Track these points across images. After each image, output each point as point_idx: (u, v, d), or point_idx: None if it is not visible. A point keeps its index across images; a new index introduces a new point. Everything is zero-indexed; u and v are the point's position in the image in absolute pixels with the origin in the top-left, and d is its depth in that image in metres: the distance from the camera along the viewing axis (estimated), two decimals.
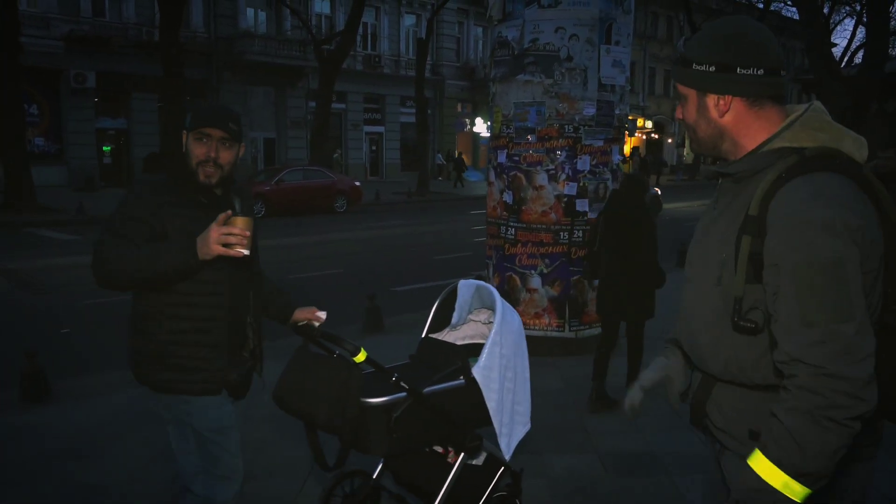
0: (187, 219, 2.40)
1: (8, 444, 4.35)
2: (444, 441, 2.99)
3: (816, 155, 1.54)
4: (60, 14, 24.25)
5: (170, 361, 2.46)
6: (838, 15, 39.20)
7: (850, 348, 1.40)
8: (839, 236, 1.42)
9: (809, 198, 1.46)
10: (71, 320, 7.83)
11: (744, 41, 1.58)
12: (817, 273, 1.42)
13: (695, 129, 1.70)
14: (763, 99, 1.61)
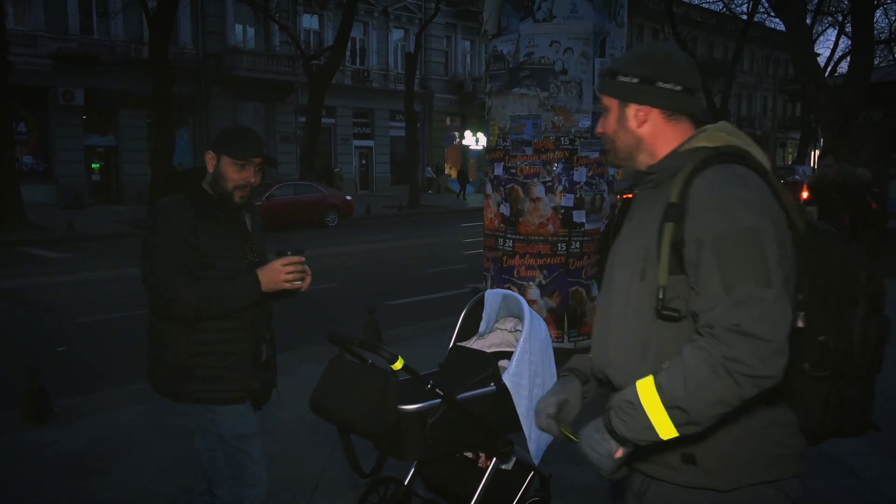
0: (210, 235, 2.53)
1: (15, 464, 4.33)
2: (476, 446, 3.06)
3: (730, 151, 1.61)
4: (48, 32, 24.23)
5: (197, 372, 2.55)
6: (821, 25, 39.75)
7: (768, 313, 1.40)
8: (756, 211, 1.48)
9: (728, 180, 1.53)
10: (66, 339, 7.80)
11: (665, 59, 1.69)
12: (738, 241, 1.45)
13: (613, 140, 1.75)
14: (679, 114, 1.70)
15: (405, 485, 3.22)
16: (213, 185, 2.59)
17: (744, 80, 52.31)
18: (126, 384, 5.77)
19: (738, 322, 1.40)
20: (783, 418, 1.60)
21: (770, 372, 1.40)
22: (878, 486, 3.86)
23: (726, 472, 1.59)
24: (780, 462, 1.60)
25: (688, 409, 1.43)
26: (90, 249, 15.76)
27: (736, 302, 1.42)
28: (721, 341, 1.40)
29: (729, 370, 1.39)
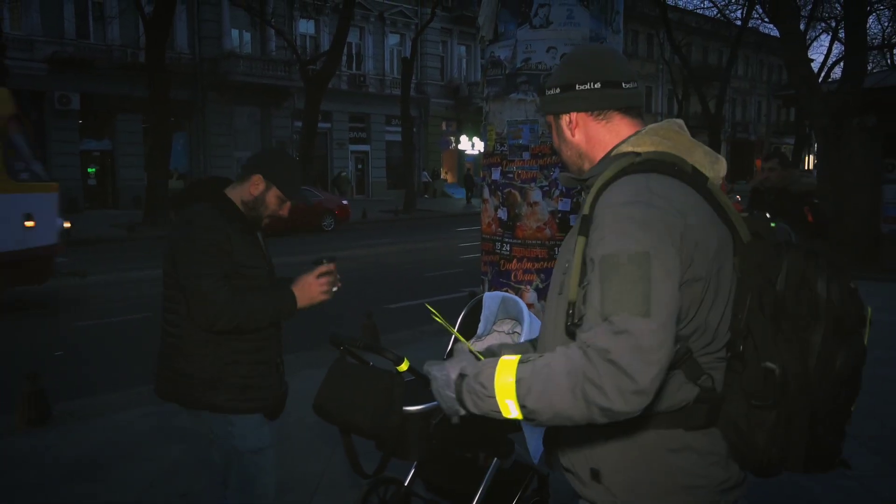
0: (240, 244, 2.55)
1: (15, 467, 4.35)
2: (476, 446, 3.10)
3: (653, 158, 1.51)
4: (44, 36, 24.24)
5: (228, 381, 2.54)
6: (814, 31, 39.98)
7: (641, 346, 1.29)
8: (652, 232, 1.36)
9: (631, 196, 1.42)
10: (63, 343, 7.81)
11: (581, 62, 1.64)
12: (624, 266, 1.34)
13: (561, 154, 1.72)
14: (608, 111, 1.61)
15: (405, 486, 3.25)
16: (249, 206, 2.60)
17: (738, 86, 52.55)
18: (125, 388, 5.79)
19: (609, 349, 1.30)
20: (700, 445, 1.48)
21: (626, 409, 1.30)
22: (873, 486, 3.90)
23: (625, 494, 1.50)
24: (687, 492, 1.48)
25: (533, 409, 1.37)
26: (86, 254, 15.75)
27: (612, 330, 1.31)
28: (591, 361, 1.30)
29: (586, 393, 1.30)
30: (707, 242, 1.43)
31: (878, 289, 10.44)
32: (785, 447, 1.43)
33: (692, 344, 1.45)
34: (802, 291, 1.41)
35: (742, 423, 1.44)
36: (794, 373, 1.40)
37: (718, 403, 1.47)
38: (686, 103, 43.75)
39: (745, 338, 1.44)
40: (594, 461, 1.52)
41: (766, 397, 1.40)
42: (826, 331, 1.40)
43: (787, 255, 1.44)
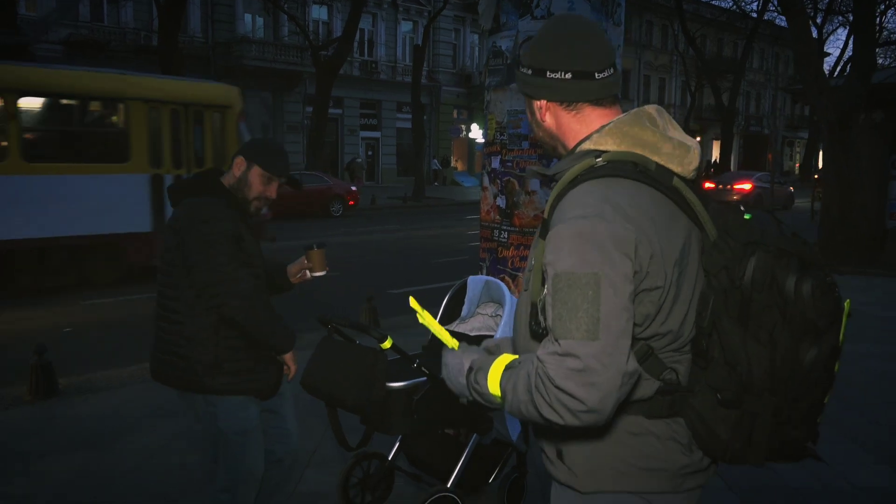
0: (248, 235, 2.63)
1: (22, 436, 4.52)
2: (458, 423, 3.23)
3: (612, 160, 1.47)
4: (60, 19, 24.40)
5: (227, 366, 2.59)
6: (831, 25, 39.68)
7: (587, 369, 1.30)
8: (602, 250, 1.34)
9: (585, 206, 1.39)
10: (71, 319, 7.99)
11: (554, 44, 1.54)
12: (572, 287, 1.33)
13: (534, 132, 1.68)
14: (578, 103, 1.56)
15: (389, 460, 3.39)
16: (235, 189, 2.64)
17: (753, 79, 52.17)
18: (129, 364, 5.96)
19: (554, 374, 1.32)
20: (661, 431, 1.50)
21: (580, 424, 1.33)
22: (845, 471, 4.01)
23: (586, 474, 1.53)
24: (647, 475, 1.50)
25: (510, 411, 1.46)
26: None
27: (554, 351, 1.33)
28: (541, 380, 1.34)
29: (540, 409, 1.36)
30: (666, 249, 1.42)
31: (879, 284, 10.49)
32: (748, 441, 1.46)
33: (654, 343, 1.47)
34: (770, 291, 1.39)
35: (707, 416, 1.46)
36: (759, 371, 1.40)
37: (684, 395, 1.48)
38: (699, 95, 43.56)
39: (710, 336, 1.44)
40: (559, 442, 1.56)
41: (731, 393, 1.42)
42: (795, 331, 1.38)
43: (754, 253, 1.41)
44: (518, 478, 3.45)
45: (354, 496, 3.42)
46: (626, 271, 1.35)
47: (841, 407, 5.08)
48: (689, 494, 1.57)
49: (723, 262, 1.43)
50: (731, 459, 1.50)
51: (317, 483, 3.83)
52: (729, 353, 1.41)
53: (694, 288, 1.48)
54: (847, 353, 4.68)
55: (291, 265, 2.98)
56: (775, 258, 1.40)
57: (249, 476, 2.73)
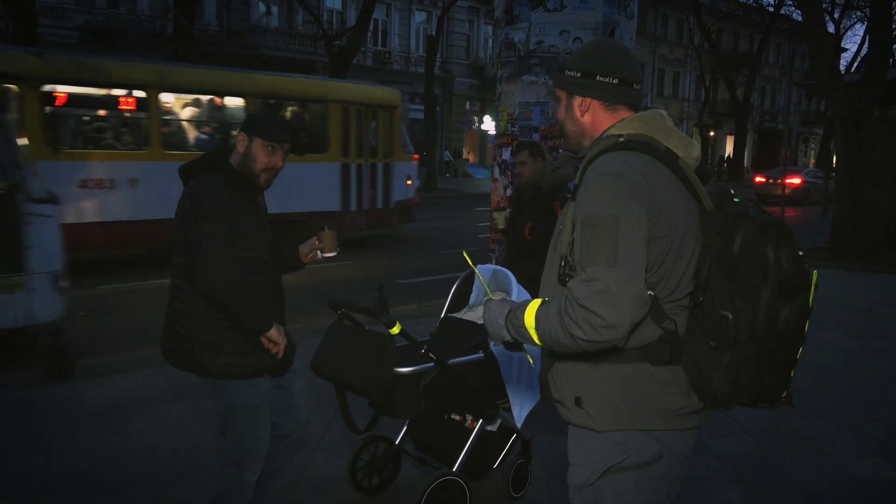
0: (247, 215, 2.64)
1: (40, 416, 4.63)
2: (464, 408, 3.31)
3: (631, 139, 1.82)
4: (76, 5, 24.55)
5: (226, 347, 2.62)
6: (849, 20, 39.26)
7: (608, 290, 1.60)
8: (620, 198, 1.66)
9: (609, 169, 1.73)
10: (86, 303, 8.11)
11: (605, 55, 1.90)
12: (596, 226, 1.66)
13: (564, 126, 1.98)
14: (617, 104, 1.90)
15: (396, 444, 3.47)
16: (242, 165, 2.67)
17: (768, 74, 51.78)
18: (143, 347, 6.06)
19: (580, 295, 1.63)
20: (664, 377, 1.78)
21: (600, 339, 1.63)
22: (846, 464, 4.05)
23: (601, 416, 1.81)
24: (655, 415, 1.79)
25: (541, 337, 1.74)
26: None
27: (586, 278, 1.65)
28: (570, 303, 1.65)
29: (568, 328, 1.65)
30: (671, 207, 1.73)
31: (886, 281, 10.45)
32: (735, 385, 1.73)
33: (658, 292, 1.75)
34: (754, 256, 1.69)
35: (701, 362, 1.74)
36: (744, 323, 1.69)
37: (681, 344, 1.77)
38: (714, 89, 43.31)
39: (705, 291, 1.74)
40: (577, 390, 1.84)
41: (723, 340, 1.70)
42: (773, 290, 1.68)
43: (743, 224, 1.72)
44: (523, 464, 3.53)
45: (362, 479, 3.50)
46: (640, 216, 1.67)
47: (843, 402, 5.12)
48: (687, 433, 1.86)
49: (717, 229, 1.75)
50: (720, 402, 1.78)
51: (326, 466, 3.91)
52: (719, 305, 1.71)
53: (693, 250, 1.77)
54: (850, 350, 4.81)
55: (303, 245, 3.00)
56: (759, 230, 1.71)
57: (255, 450, 2.77)
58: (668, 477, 1.85)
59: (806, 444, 4.35)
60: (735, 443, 4.32)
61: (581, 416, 1.84)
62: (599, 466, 1.82)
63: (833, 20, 35.95)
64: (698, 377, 1.75)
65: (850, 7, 35.57)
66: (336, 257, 3.03)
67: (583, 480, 1.86)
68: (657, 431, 1.80)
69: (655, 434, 1.80)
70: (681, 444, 1.86)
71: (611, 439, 1.81)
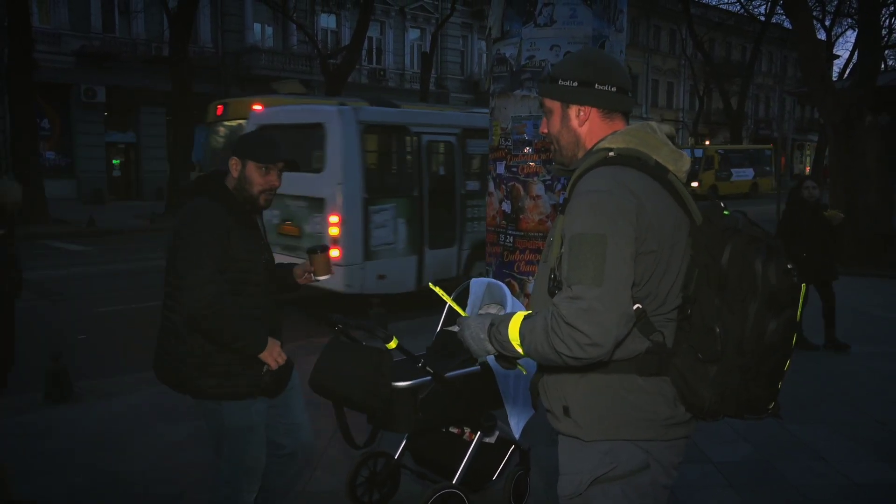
0: (241, 238, 2.62)
1: (38, 439, 4.64)
2: (462, 421, 3.32)
3: (621, 154, 1.82)
4: (71, 30, 24.73)
5: (213, 369, 2.61)
6: (840, 27, 39.51)
7: (593, 308, 1.62)
8: (608, 216, 1.68)
9: (598, 185, 1.74)
10: (86, 327, 8.12)
11: (600, 64, 1.91)
12: (583, 244, 1.67)
13: (558, 139, 1.96)
14: (614, 113, 1.91)
15: (395, 458, 3.48)
16: (239, 189, 2.66)
17: (762, 82, 52.02)
18: (142, 370, 6.06)
19: (566, 313, 1.64)
20: (651, 388, 1.79)
21: (585, 356, 1.65)
22: (844, 468, 4.07)
23: (589, 425, 1.82)
24: (642, 425, 1.80)
25: (527, 351, 1.76)
26: (110, 243, 16.16)
27: (571, 295, 1.65)
28: (555, 320, 1.66)
29: (554, 345, 1.66)
30: (661, 223, 1.74)
31: (883, 285, 10.48)
32: (722, 396, 1.74)
33: (646, 306, 1.76)
34: (743, 270, 1.68)
35: (688, 374, 1.75)
36: (732, 336, 1.69)
37: (669, 356, 1.78)
38: (707, 99, 43.46)
39: (693, 304, 1.75)
40: (565, 400, 1.86)
41: (710, 353, 1.71)
42: (761, 304, 1.68)
43: (731, 238, 1.72)
44: (522, 475, 3.54)
45: (362, 494, 3.51)
46: (628, 234, 1.68)
47: (842, 406, 5.14)
48: (674, 443, 1.86)
49: (705, 243, 1.76)
50: (707, 413, 1.78)
51: (325, 482, 3.92)
52: (707, 318, 1.72)
53: (681, 263, 1.78)
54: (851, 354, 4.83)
55: (297, 267, 2.97)
56: (748, 243, 1.71)
57: (251, 470, 2.77)
58: (655, 486, 1.86)
59: (805, 449, 4.37)
60: (733, 449, 4.34)
61: (569, 425, 1.86)
62: (588, 476, 1.84)
63: (824, 27, 36.22)
64: (685, 388, 1.75)
65: (841, 14, 35.83)
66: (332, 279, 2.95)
67: (572, 490, 1.88)
68: (644, 441, 1.81)
69: (642, 444, 1.81)
70: (668, 455, 1.86)
71: (598, 449, 1.82)
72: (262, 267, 2.74)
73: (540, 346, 1.70)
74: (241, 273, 2.62)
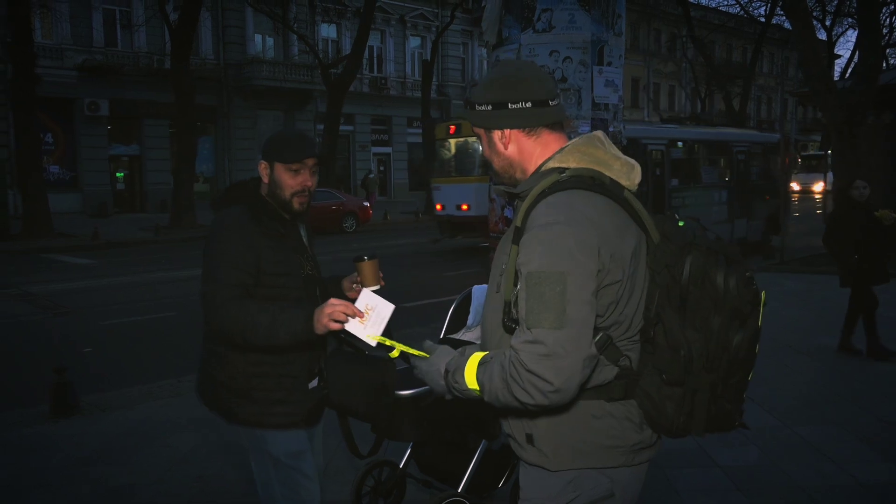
0: (272, 249, 2.45)
1: (44, 453, 4.64)
2: (466, 429, 3.30)
3: (574, 175, 1.71)
4: (74, 44, 24.91)
5: (254, 395, 2.47)
6: (840, 27, 39.46)
7: (554, 353, 1.54)
8: (568, 253, 1.57)
9: (552, 215, 1.62)
10: (91, 340, 8.14)
11: (511, 81, 1.78)
12: (542, 283, 1.57)
13: (491, 163, 1.88)
14: (538, 128, 1.79)
15: (400, 467, 3.47)
16: (271, 195, 2.49)
17: (763, 83, 52.01)
18: (147, 382, 6.08)
19: (526, 360, 1.56)
20: (618, 412, 1.72)
21: (548, 403, 1.58)
22: (852, 470, 4.04)
23: (554, 454, 1.74)
24: (607, 452, 1.73)
25: (488, 399, 1.68)
26: (114, 256, 16.20)
27: (530, 339, 1.57)
28: (514, 367, 1.58)
29: (514, 393, 1.59)
30: (622, 249, 1.66)
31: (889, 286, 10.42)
32: (690, 415, 1.70)
33: (612, 333, 1.68)
34: (704, 285, 1.65)
35: (655, 395, 1.69)
36: (697, 354, 1.65)
37: (635, 379, 1.72)
38: (709, 101, 43.46)
39: (656, 325, 1.68)
40: (529, 427, 1.77)
41: (675, 373, 1.66)
42: (724, 317, 1.64)
43: (690, 253, 1.67)
44: None
45: (368, 503, 3.50)
46: (590, 270, 1.59)
47: (849, 407, 5.11)
48: (639, 468, 1.81)
49: (665, 261, 1.69)
50: (675, 433, 1.74)
51: (331, 492, 3.91)
52: (671, 339, 1.66)
53: (644, 284, 1.72)
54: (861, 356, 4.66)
55: (346, 279, 2.75)
56: (706, 257, 1.67)
57: (309, 498, 2.62)
58: None
59: (812, 450, 4.34)
60: (740, 453, 4.32)
61: (533, 454, 1.78)
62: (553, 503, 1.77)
63: (825, 27, 36.17)
64: (652, 410, 1.70)
65: (841, 14, 35.79)
66: None
67: None
68: (610, 469, 1.75)
69: (608, 471, 1.75)
70: (632, 481, 1.81)
71: (563, 478, 1.75)
72: (302, 281, 2.54)
73: (501, 395, 1.63)
74: (275, 289, 2.44)
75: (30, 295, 11.13)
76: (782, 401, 5.21)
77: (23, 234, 17.97)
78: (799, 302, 9.38)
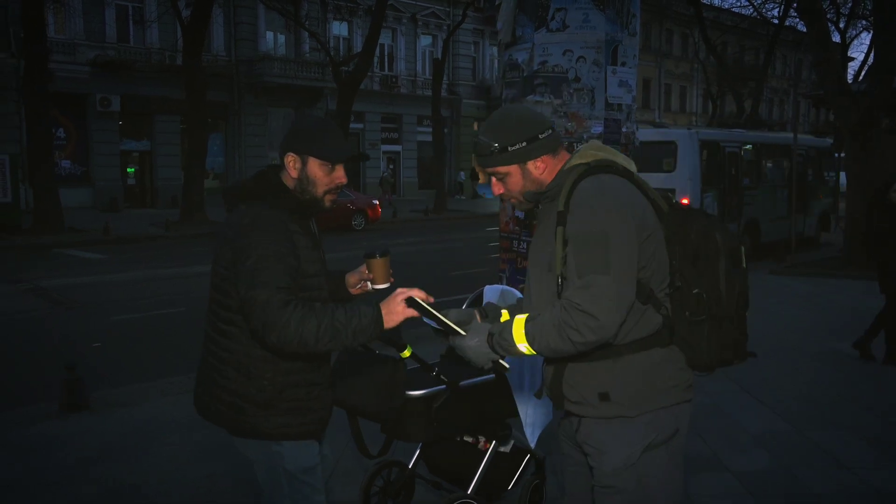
0: (308, 249, 2.27)
1: (53, 450, 4.64)
2: (476, 430, 3.29)
3: (598, 163, 2.12)
4: (86, 40, 25.01)
5: (283, 405, 2.27)
6: (854, 29, 39.20)
7: (601, 294, 1.90)
8: (607, 215, 1.97)
9: (592, 189, 2.03)
10: (102, 335, 8.16)
11: (529, 118, 2.20)
12: (588, 240, 1.95)
13: (521, 193, 2.20)
14: (558, 148, 2.19)
15: (409, 467, 3.45)
16: (300, 190, 2.27)
17: (776, 85, 51.71)
18: (157, 378, 6.09)
19: (579, 301, 1.91)
20: (672, 357, 2.10)
21: (594, 338, 1.92)
22: (868, 477, 4.00)
23: (632, 403, 2.08)
24: (671, 392, 2.11)
25: (538, 349, 2.01)
26: (125, 251, 16.26)
27: (582, 285, 1.93)
28: (567, 312, 1.92)
29: (566, 333, 1.92)
30: (645, 213, 2.07)
31: None
32: (720, 347, 2.08)
33: (653, 285, 2.05)
34: (708, 240, 2.07)
35: (687, 336, 2.06)
36: (712, 295, 2.05)
37: (672, 325, 2.08)
38: (721, 102, 43.25)
39: (676, 275, 2.07)
40: (602, 387, 2.09)
41: (700, 313, 2.04)
42: (726, 263, 2.07)
43: (694, 217, 2.12)
44: (538, 484, 3.50)
45: None
46: (627, 227, 1.97)
47: (861, 411, 5.06)
48: (689, 405, 2.18)
49: (678, 222, 2.11)
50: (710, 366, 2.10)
51: (340, 492, 3.89)
52: (690, 284, 2.05)
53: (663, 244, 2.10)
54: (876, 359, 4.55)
55: (350, 274, 2.62)
56: (704, 218, 2.13)
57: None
58: (682, 448, 2.19)
59: (823, 455, 4.30)
60: (751, 458, 4.28)
61: (610, 408, 2.08)
62: (638, 447, 2.08)
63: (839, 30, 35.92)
64: (690, 350, 2.07)
65: (856, 16, 35.54)
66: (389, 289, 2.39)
67: (622, 463, 2.09)
68: (674, 406, 2.11)
69: (673, 409, 2.11)
70: (687, 416, 2.18)
71: (643, 421, 2.08)
72: (325, 281, 2.39)
73: (552, 341, 1.95)
74: (309, 290, 2.25)
75: (40, 289, 11.17)
76: (793, 405, 5.17)
77: (34, 228, 18.04)
78: (809, 304, 9.30)
